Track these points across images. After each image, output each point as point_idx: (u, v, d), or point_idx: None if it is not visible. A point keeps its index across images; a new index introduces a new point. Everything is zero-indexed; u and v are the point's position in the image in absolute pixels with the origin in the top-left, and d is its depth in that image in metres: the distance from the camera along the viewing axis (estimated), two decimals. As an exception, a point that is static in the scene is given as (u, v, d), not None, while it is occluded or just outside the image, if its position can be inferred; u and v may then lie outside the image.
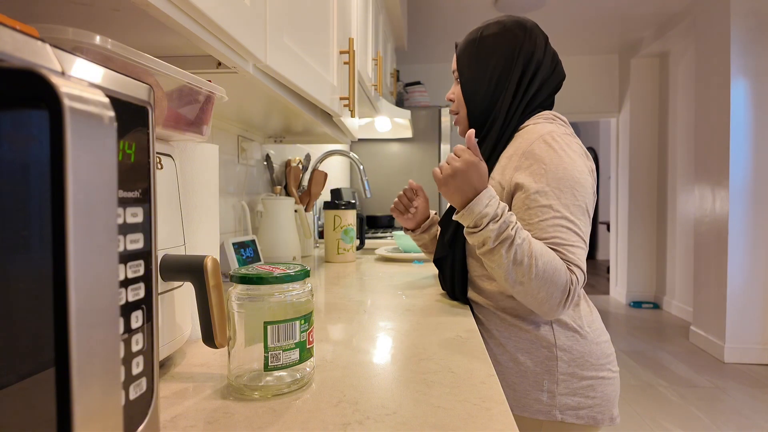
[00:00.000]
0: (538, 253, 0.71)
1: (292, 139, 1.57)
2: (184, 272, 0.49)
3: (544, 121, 0.86)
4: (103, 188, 0.24)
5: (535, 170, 0.78)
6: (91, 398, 0.23)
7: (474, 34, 0.92)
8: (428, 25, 3.83)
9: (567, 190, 0.76)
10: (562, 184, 0.76)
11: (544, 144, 0.79)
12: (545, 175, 0.77)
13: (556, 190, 0.76)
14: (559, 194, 0.76)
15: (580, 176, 0.78)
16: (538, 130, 0.83)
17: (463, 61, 0.93)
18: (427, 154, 3.06)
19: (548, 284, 0.71)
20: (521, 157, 0.81)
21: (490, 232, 0.72)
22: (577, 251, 0.75)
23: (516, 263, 0.71)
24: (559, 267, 0.72)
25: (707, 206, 3.29)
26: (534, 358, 0.81)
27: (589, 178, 0.80)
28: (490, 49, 0.89)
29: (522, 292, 0.73)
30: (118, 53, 0.38)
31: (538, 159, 0.78)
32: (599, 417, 0.81)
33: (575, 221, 0.76)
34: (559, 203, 0.76)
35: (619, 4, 3.45)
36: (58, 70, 0.25)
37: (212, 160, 0.67)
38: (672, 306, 4.31)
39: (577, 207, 0.76)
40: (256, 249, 1.20)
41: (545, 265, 0.71)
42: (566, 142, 0.80)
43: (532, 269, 0.71)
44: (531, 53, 0.88)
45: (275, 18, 0.71)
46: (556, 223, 0.75)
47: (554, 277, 0.71)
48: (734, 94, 3.01)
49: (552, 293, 0.72)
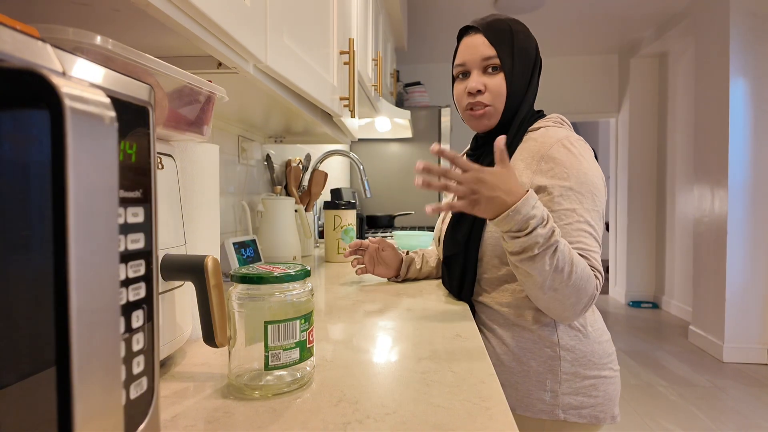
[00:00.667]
0: (576, 259, 0.70)
1: (293, 139, 1.57)
2: (184, 272, 0.49)
3: (554, 124, 0.86)
4: (103, 188, 0.24)
5: (557, 173, 0.78)
6: (92, 397, 0.24)
7: (503, 25, 0.86)
8: (428, 25, 3.83)
9: (588, 195, 0.77)
10: (584, 188, 0.77)
11: (563, 148, 0.79)
12: (568, 179, 0.77)
13: (578, 195, 0.76)
14: (581, 199, 0.76)
15: (599, 182, 0.79)
16: (552, 134, 0.83)
17: (506, 51, 0.85)
18: (426, 154, 3.06)
19: (580, 291, 0.71)
20: (540, 161, 0.80)
21: (538, 237, 0.67)
22: (597, 257, 0.76)
23: (557, 270, 0.69)
24: (589, 274, 0.72)
25: (706, 206, 3.29)
26: (537, 357, 0.81)
27: (603, 184, 0.81)
28: (524, 45, 0.86)
29: (552, 298, 0.72)
30: (119, 53, 0.39)
31: (559, 163, 0.78)
32: (601, 416, 0.81)
33: (595, 226, 0.77)
34: (582, 208, 0.76)
35: (619, 4, 3.45)
36: (59, 71, 0.25)
37: (213, 160, 0.67)
38: (671, 305, 4.31)
39: (596, 212, 0.77)
40: (257, 249, 1.20)
41: (582, 272, 0.71)
42: (584, 148, 0.81)
43: (571, 276, 0.70)
44: (541, 62, 0.90)
45: (275, 18, 0.71)
46: (580, 228, 0.76)
47: (587, 284, 0.72)
48: (733, 94, 3.01)
49: (581, 299, 0.72)
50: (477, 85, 0.85)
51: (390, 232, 2.30)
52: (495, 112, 0.87)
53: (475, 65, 0.86)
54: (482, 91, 0.86)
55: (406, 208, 3.07)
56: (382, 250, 1.05)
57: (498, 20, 0.87)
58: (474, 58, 0.86)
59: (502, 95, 0.85)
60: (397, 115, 2.33)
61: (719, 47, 3.11)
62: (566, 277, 0.69)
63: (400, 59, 4.56)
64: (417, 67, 4.79)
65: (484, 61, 0.85)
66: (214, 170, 0.68)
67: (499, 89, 0.85)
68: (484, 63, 0.85)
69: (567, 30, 3.96)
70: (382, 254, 1.05)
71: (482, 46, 0.85)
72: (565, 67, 4.73)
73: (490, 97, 0.86)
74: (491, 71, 0.86)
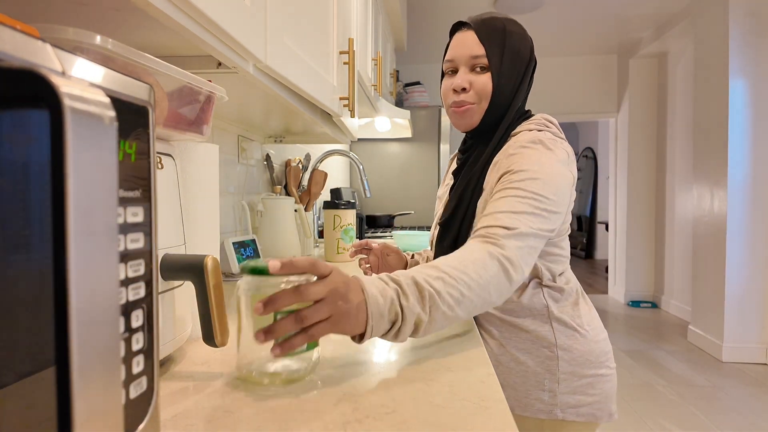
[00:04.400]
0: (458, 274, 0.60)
1: (292, 138, 1.57)
2: (184, 271, 0.49)
3: (536, 127, 0.84)
4: (103, 188, 0.24)
5: (513, 162, 0.76)
6: (92, 397, 0.24)
7: (496, 24, 0.84)
8: (428, 25, 3.83)
9: (539, 182, 0.72)
10: (536, 176, 0.73)
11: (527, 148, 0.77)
12: (520, 167, 0.74)
13: (528, 180, 0.72)
14: (530, 183, 0.72)
15: (558, 177, 0.74)
16: (525, 135, 0.81)
17: (495, 51, 0.82)
18: (426, 154, 3.06)
19: (489, 286, 0.62)
20: (506, 159, 0.79)
21: (414, 308, 0.55)
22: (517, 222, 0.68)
23: (457, 303, 0.59)
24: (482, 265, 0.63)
25: (705, 206, 3.29)
26: (535, 358, 0.81)
27: (564, 181, 0.75)
28: (517, 47, 0.84)
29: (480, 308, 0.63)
30: (119, 53, 0.39)
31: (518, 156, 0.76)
32: (598, 413, 0.81)
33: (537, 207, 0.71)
34: (527, 188, 0.71)
35: (618, 4, 3.45)
36: (59, 70, 0.25)
37: (212, 160, 0.67)
38: (670, 305, 4.31)
39: (543, 199, 0.71)
40: (256, 248, 1.20)
41: (476, 275, 0.61)
42: (549, 148, 0.77)
43: (471, 290, 0.60)
44: (535, 65, 0.88)
45: (275, 18, 0.71)
46: (515, 200, 0.70)
47: (490, 278, 0.63)
48: (732, 95, 3.01)
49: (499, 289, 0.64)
50: (462, 83, 0.84)
51: (389, 232, 2.30)
52: (478, 111, 0.85)
53: (463, 62, 0.85)
54: (467, 89, 0.84)
55: (406, 208, 3.07)
56: (386, 255, 1.03)
57: (493, 18, 0.85)
58: (463, 54, 0.84)
59: (486, 95, 0.83)
60: (397, 114, 2.33)
61: (718, 47, 3.11)
62: (468, 294, 0.60)
63: (400, 59, 4.56)
64: (417, 67, 4.79)
65: (472, 59, 0.83)
66: (213, 170, 0.68)
67: (483, 88, 0.83)
68: (472, 61, 0.83)
69: (566, 30, 3.97)
70: (387, 259, 1.02)
71: (472, 44, 0.83)
72: (564, 67, 4.73)
73: (474, 95, 0.84)
74: (479, 70, 0.83)
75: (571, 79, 4.72)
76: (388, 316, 0.54)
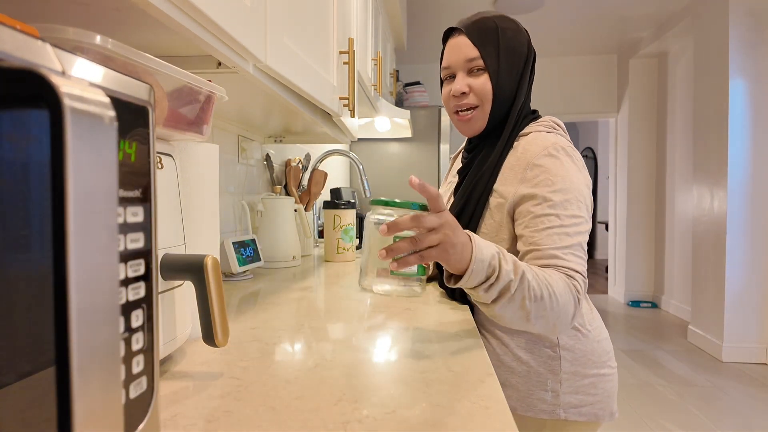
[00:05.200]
0: (549, 279, 0.66)
1: (292, 138, 1.57)
2: (184, 271, 0.49)
3: (545, 129, 0.84)
4: (103, 188, 0.24)
5: (542, 180, 0.77)
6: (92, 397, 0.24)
7: (489, 24, 0.84)
8: (428, 25, 3.83)
9: (573, 202, 0.76)
10: (569, 195, 0.76)
11: (549, 157, 0.78)
12: (553, 186, 0.76)
13: (564, 202, 0.75)
14: (566, 205, 0.75)
15: (584, 189, 0.78)
16: (541, 141, 0.81)
17: (490, 51, 0.82)
18: (426, 154, 3.06)
19: (565, 306, 0.67)
20: (525, 169, 0.79)
21: (509, 274, 0.62)
22: (577, 259, 0.73)
23: (536, 299, 0.64)
24: (566, 284, 0.68)
25: (705, 206, 3.29)
26: (537, 358, 0.81)
27: (589, 192, 0.79)
28: (512, 44, 0.84)
29: (541, 326, 0.68)
30: (119, 53, 0.39)
31: (544, 170, 0.77)
32: (600, 413, 0.82)
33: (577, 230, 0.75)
34: (565, 213, 0.75)
35: (618, 4, 3.45)
36: (59, 70, 0.25)
37: (212, 160, 0.67)
38: (670, 305, 4.31)
39: (580, 218, 0.76)
40: (256, 248, 1.20)
41: (558, 287, 0.66)
42: (570, 155, 0.80)
43: (552, 298, 0.65)
44: (534, 56, 0.88)
45: (275, 18, 0.71)
46: (562, 231, 0.74)
47: (568, 296, 0.68)
48: (732, 95, 3.01)
49: (568, 312, 0.68)
50: (461, 87, 0.84)
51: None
52: (481, 115, 0.85)
53: (460, 67, 0.85)
54: (467, 93, 0.85)
55: (406, 207, 3.07)
56: None
57: (483, 19, 0.84)
58: (458, 59, 0.85)
59: (488, 95, 0.83)
60: (397, 114, 2.33)
61: (718, 47, 3.11)
62: (548, 301, 0.65)
63: (400, 59, 4.56)
64: (417, 67, 4.79)
65: (468, 62, 0.84)
66: (213, 170, 0.68)
67: (483, 89, 0.83)
68: (468, 64, 0.84)
69: (566, 30, 3.96)
70: None
71: (465, 47, 0.83)
72: (564, 67, 4.73)
73: (475, 98, 0.84)
74: (476, 72, 0.84)
75: (571, 79, 4.72)
76: (488, 268, 0.61)
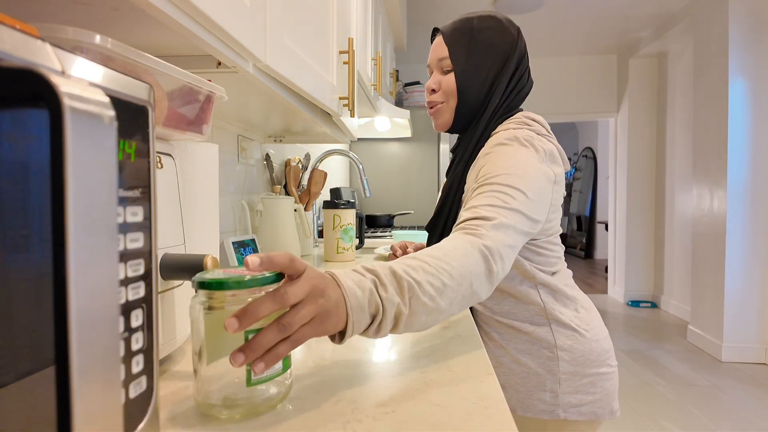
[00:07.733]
0: (438, 263, 0.55)
1: (292, 138, 1.57)
2: (184, 271, 0.49)
3: (515, 125, 0.82)
4: (103, 187, 0.24)
5: (485, 164, 0.74)
6: (91, 397, 0.24)
7: (465, 24, 0.86)
8: (428, 25, 3.83)
9: (515, 178, 0.70)
10: (510, 173, 0.70)
11: (500, 145, 0.77)
12: (494, 168, 0.72)
13: (504, 175, 0.70)
14: (506, 178, 0.70)
15: (534, 173, 0.72)
16: (501, 134, 0.79)
17: (458, 50, 0.86)
18: (426, 154, 3.06)
19: (470, 276, 0.58)
20: (482, 158, 0.78)
21: (392, 302, 0.49)
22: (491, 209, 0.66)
23: (439, 293, 0.53)
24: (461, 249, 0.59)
25: (705, 206, 3.29)
26: (535, 359, 0.81)
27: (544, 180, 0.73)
28: (487, 43, 0.85)
29: (462, 305, 0.58)
30: (119, 53, 0.38)
31: (490, 157, 0.75)
32: (600, 411, 0.82)
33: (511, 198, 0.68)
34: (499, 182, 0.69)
35: (618, 4, 3.45)
36: (59, 70, 0.25)
37: (212, 160, 0.67)
38: (670, 305, 4.31)
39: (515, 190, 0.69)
40: (256, 248, 1.20)
41: (458, 264, 0.57)
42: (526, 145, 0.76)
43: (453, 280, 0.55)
44: (522, 55, 0.87)
45: (275, 18, 0.71)
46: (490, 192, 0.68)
47: (472, 267, 0.58)
48: (732, 95, 3.01)
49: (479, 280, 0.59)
50: (431, 84, 0.90)
51: (389, 232, 2.30)
52: (447, 109, 0.89)
53: (435, 66, 0.90)
54: (436, 90, 0.89)
55: (406, 207, 3.07)
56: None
57: (463, 19, 0.87)
58: (433, 59, 0.90)
59: (452, 93, 0.87)
60: (397, 114, 2.33)
61: (718, 47, 3.11)
62: (450, 281, 0.55)
63: (400, 59, 4.56)
64: (417, 67, 4.79)
65: (439, 61, 0.88)
66: (213, 169, 0.68)
67: (448, 87, 0.87)
68: (440, 63, 0.88)
69: (566, 30, 3.96)
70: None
71: (438, 47, 0.89)
72: (564, 67, 4.73)
73: (442, 95, 0.89)
74: (446, 71, 0.88)
75: (571, 79, 4.72)
76: (369, 309, 0.48)
